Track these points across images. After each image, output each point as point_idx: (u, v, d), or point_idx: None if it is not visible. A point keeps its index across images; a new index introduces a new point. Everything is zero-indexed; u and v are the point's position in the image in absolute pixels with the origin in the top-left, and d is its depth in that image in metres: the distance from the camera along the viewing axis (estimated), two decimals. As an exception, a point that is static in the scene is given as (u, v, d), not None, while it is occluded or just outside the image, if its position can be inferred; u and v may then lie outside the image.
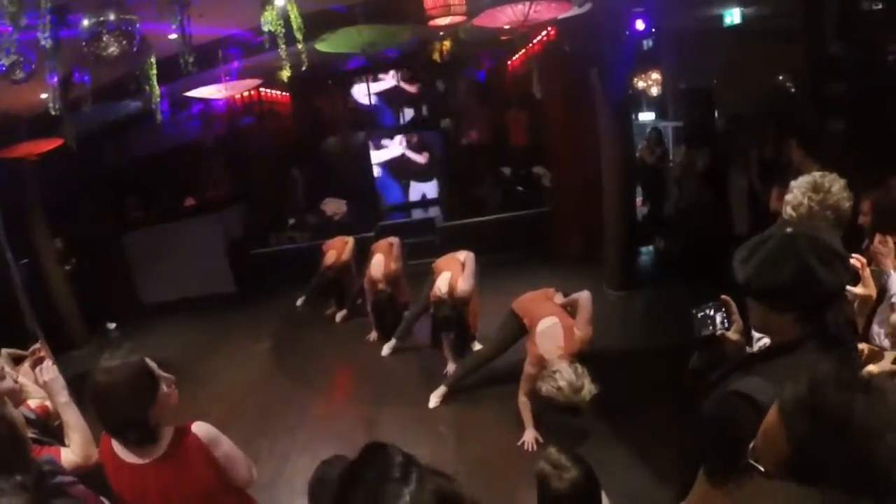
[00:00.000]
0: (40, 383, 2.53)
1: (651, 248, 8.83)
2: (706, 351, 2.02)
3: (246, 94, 9.43)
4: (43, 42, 3.91)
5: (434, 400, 5.48)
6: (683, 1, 6.80)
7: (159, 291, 9.79)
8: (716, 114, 10.07)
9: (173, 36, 5.05)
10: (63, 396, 2.52)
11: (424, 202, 12.01)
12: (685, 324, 2.06)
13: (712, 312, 1.99)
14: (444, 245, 7.90)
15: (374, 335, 7.05)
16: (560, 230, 9.11)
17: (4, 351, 3.05)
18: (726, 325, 1.97)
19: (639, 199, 9.59)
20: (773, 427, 1.20)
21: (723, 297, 1.97)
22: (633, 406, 4.76)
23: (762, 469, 1.22)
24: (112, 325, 9.18)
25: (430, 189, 12.08)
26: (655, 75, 11.12)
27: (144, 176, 10.34)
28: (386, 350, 6.66)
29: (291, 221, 10.90)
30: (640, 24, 7.16)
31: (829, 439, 1.10)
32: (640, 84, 11.17)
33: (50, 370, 2.54)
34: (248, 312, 8.90)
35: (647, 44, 9.62)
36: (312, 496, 2.31)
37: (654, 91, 11.35)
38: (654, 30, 7.94)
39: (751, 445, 1.28)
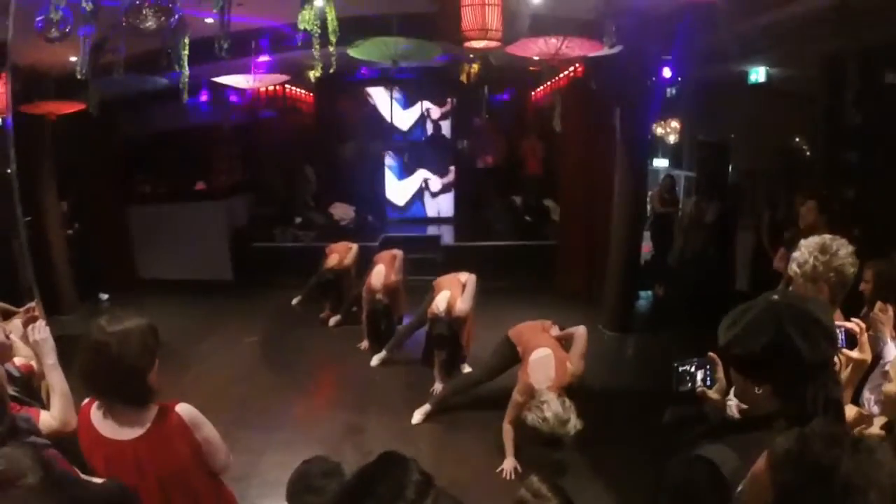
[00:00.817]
0: (31, 342, 2.53)
1: (650, 293, 8.85)
2: (683, 406, 2.00)
3: (271, 87, 9.47)
4: (84, 5, 3.94)
5: (417, 416, 5.45)
6: (712, 54, 6.87)
7: (157, 269, 9.78)
8: (730, 168, 10.13)
9: (210, 20, 5.12)
10: (51, 358, 2.52)
11: (438, 219, 12.06)
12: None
13: (694, 368, 1.96)
14: (446, 264, 7.88)
15: (365, 344, 7.01)
16: (563, 264, 9.15)
17: None
18: (708, 382, 1.95)
19: (645, 245, 9.62)
20: (760, 473, 1.20)
21: (710, 354, 1.95)
22: (613, 445, 4.77)
23: None
24: (104, 297, 9.12)
25: (445, 206, 12.16)
26: (675, 123, 11.20)
27: (159, 153, 10.36)
28: (375, 361, 6.63)
29: (298, 220, 10.90)
30: (667, 72, 7.24)
31: (812, 490, 1.10)
32: (659, 130, 11.25)
33: (42, 330, 2.54)
34: (242, 303, 8.85)
35: (671, 91, 9.70)
36: (291, 494, 2.29)
37: (672, 139, 11.42)
38: (679, 79, 8.01)
39: (738, 489, 1.27)
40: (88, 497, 1.33)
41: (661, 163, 11.95)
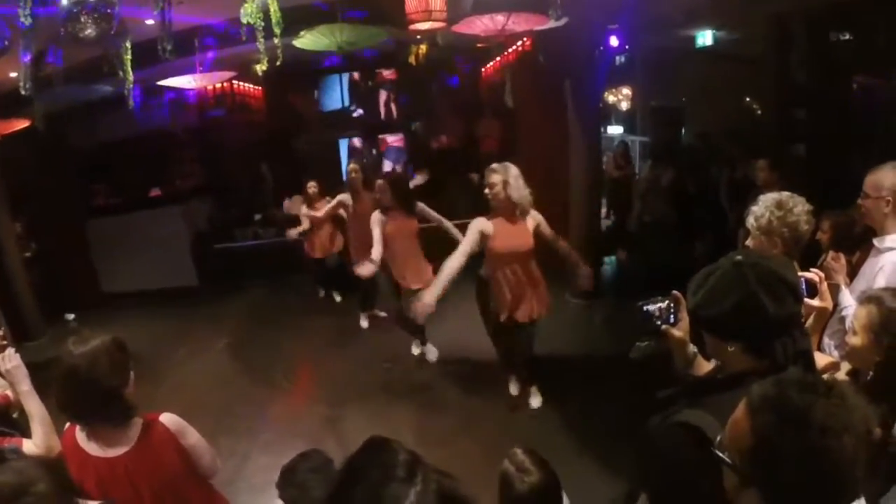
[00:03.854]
0: (2, 371, 2.49)
1: (613, 258, 8.98)
2: (649, 343, 2.03)
3: (219, 85, 9.33)
4: (22, 19, 3.84)
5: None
6: (657, 20, 6.95)
7: (121, 282, 9.57)
8: (683, 132, 10.29)
9: (150, 21, 5.02)
10: (26, 385, 2.49)
11: None
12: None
13: (660, 306, 1.99)
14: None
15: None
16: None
17: None
18: (671, 320, 1.98)
19: (603, 211, 9.74)
20: (740, 419, 1.23)
21: (674, 293, 1.98)
22: (588, 411, 4.93)
23: (728, 461, 1.25)
24: (71, 316, 8.89)
25: None
26: (626, 91, 11.33)
27: (111, 162, 10.16)
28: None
29: (257, 217, 10.79)
30: (614, 41, 7.31)
31: (788, 433, 1.14)
32: (611, 98, 11.37)
33: (13, 357, 2.50)
34: (211, 307, 8.73)
35: (620, 60, 9.80)
36: (279, 485, 2.34)
37: (625, 106, 11.56)
38: (627, 47, 8.11)
39: (718, 438, 1.31)
40: None
41: (615, 130, 12.09)
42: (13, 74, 5.71)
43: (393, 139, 12.25)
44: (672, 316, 1.97)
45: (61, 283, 9.08)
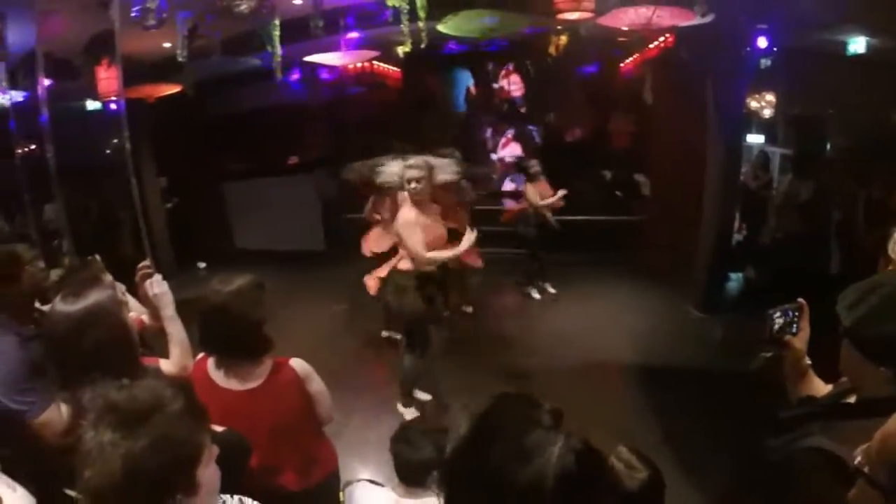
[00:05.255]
0: (150, 295, 2.64)
1: (741, 275, 8.55)
2: (770, 354, 1.97)
3: (359, 64, 9.62)
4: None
5: None
6: (808, 23, 6.48)
7: (253, 239, 10.19)
8: (827, 146, 9.60)
9: (298, 1, 5.25)
10: (170, 310, 2.64)
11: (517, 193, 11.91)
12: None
13: (787, 316, 1.92)
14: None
15: None
16: (652, 241, 8.94)
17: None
18: (794, 329, 1.91)
19: (735, 224, 9.29)
20: (893, 433, 1.14)
21: (800, 301, 1.91)
22: (696, 426, 4.76)
23: (869, 475, 1.16)
24: (202, 265, 9.64)
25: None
26: (770, 97, 10.68)
27: (252, 130, 10.73)
28: None
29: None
30: (761, 42, 6.86)
31: None
32: (753, 104, 10.76)
33: (161, 283, 2.66)
34: (334, 272, 8.81)
35: (766, 63, 9.24)
36: (392, 440, 2.47)
37: (767, 113, 10.90)
38: (775, 49, 7.62)
39: (858, 449, 1.21)
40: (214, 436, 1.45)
41: (755, 139, 11.43)
42: (167, 45, 6.15)
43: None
44: (795, 326, 1.90)
45: (196, 235, 9.80)
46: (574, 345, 6.33)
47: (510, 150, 11.48)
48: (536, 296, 7.88)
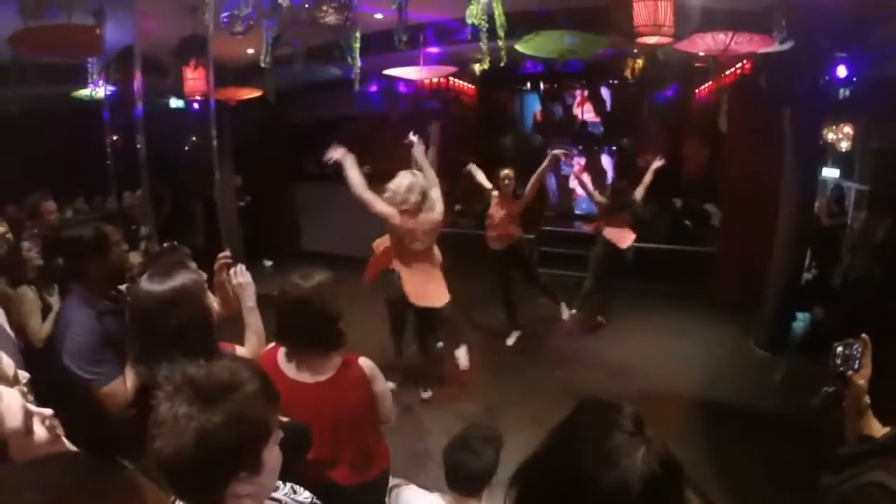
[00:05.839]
0: (234, 284, 2.75)
1: (809, 315, 8.27)
2: (832, 390, 1.94)
3: (435, 80, 9.78)
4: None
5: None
6: (891, 52, 6.25)
7: (318, 242, 10.43)
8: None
9: (379, 15, 5.39)
10: (251, 301, 2.75)
11: (592, 216, 11.79)
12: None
13: (851, 351, 1.90)
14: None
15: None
16: (719, 274, 8.77)
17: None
18: (856, 366, 1.88)
19: (806, 261, 9.00)
20: None
21: (863, 336, 1.90)
22: (748, 461, 4.69)
23: None
24: (268, 263, 9.95)
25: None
26: (847, 129, 10.29)
27: (327, 137, 10.97)
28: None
29: (458, 207, 11.14)
30: (841, 71, 6.65)
31: None
32: (830, 136, 10.40)
33: (245, 273, 2.77)
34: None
35: (844, 93, 8.92)
36: (448, 450, 2.50)
37: (844, 146, 10.52)
38: (854, 79, 7.37)
39: None
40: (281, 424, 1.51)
41: (830, 172, 11.05)
42: (250, 51, 6.40)
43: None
44: (857, 362, 1.88)
45: (266, 234, 10.11)
46: (633, 374, 6.27)
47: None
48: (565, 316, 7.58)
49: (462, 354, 6.33)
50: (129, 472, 0.74)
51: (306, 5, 4.42)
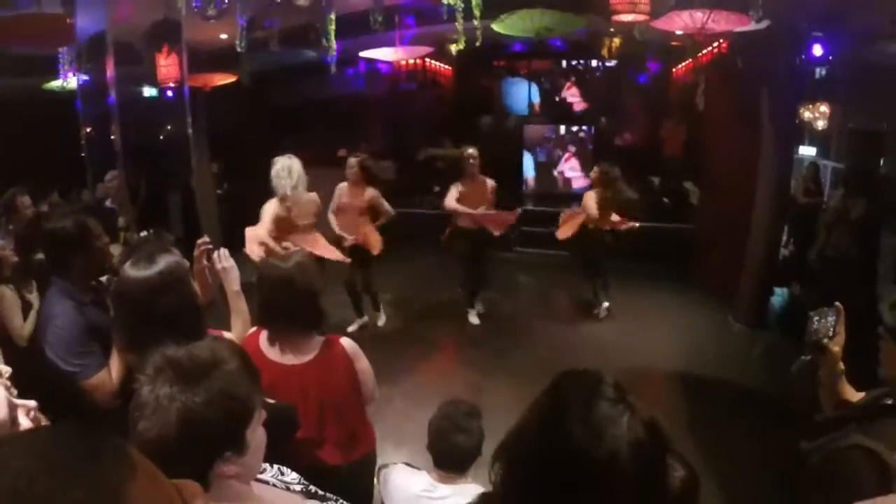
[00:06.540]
0: (218, 269, 2.73)
1: (786, 290, 8.39)
2: (809, 358, 1.96)
3: (412, 61, 9.73)
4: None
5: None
6: (867, 33, 6.29)
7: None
8: (882, 161, 9.32)
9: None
10: (236, 285, 2.74)
11: (570, 195, 11.57)
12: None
13: (827, 320, 1.93)
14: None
15: None
16: (698, 251, 8.86)
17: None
18: (831, 334, 1.91)
19: (783, 238, 9.09)
20: None
21: (837, 305, 1.93)
22: (726, 440, 4.70)
23: None
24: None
25: (579, 182, 11.76)
26: (824, 108, 10.39)
27: (304, 121, 10.92)
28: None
29: (437, 188, 11.10)
30: (817, 50, 6.68)
31: None
32: (807, 115, 10.49)
33: (228, 258, 2.76)
34: (381, 265, 8.99)
35: (820, 72, 8.99)
36: (438, 434, 2.44)
37: (820, 125, 10.62)
38: (831, 58, 7.42)
39: None
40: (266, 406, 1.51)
41: (806, 151, 11.17)
42: (224, 35, 6.31)
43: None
44: (832, 330, 1.91)
45: (245, 221, 10.01)
46: (614, 351, 6.32)
47: (570, 166, 11.68)
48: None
49: None
50: (120, 440, 0.74)
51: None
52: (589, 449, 1.05)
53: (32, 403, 1.39)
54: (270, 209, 5.85)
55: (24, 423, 1.33)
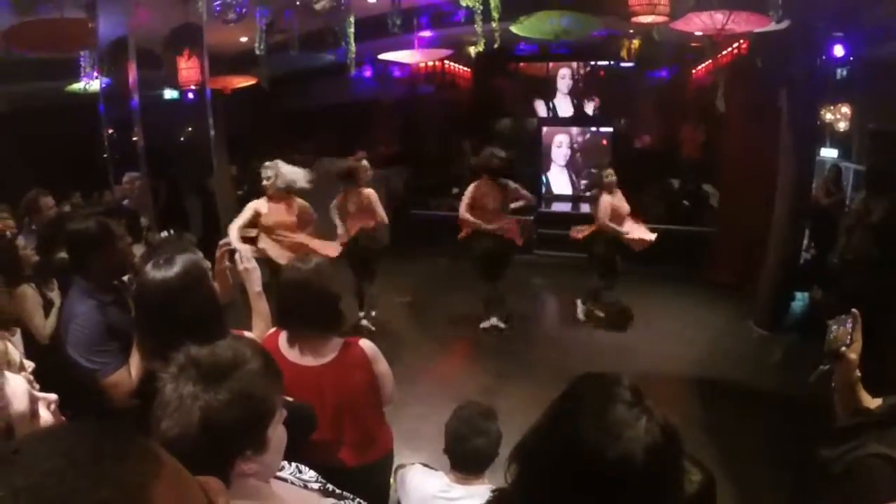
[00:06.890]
0: (240, 270, 2.71)
1: (806, 294, 8.27)
2: (827, 367, 1.95)
3: (430, 63, 9.76)
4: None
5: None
6: (890, 32, 6.20)
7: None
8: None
9: (373, 0, 5.37)
10: (258, 286, 2.73)
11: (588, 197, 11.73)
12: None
13: (844, 328, 1.91)
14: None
15: None
16: (718, 254, 8.78)
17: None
18: (848, 341, 1.89)
19: (804, 241, 8.98)
20: None
21: (854, 311, 1.91)
22: (744, 443, 4.69)
23: None
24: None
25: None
26: (845, 109, 10.26)
27: (322, 124, 10.98)
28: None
29: (455, 190, 11.10)
30: (838, 50, 6.61)
31: None
32: (828, 116, 10.37)
33: (250, 259, 2.75)
34: (399, 266, 8.81)
35: (841, 73, 8.87)
36: (458, 439, 2.45)
37: (842, 126, 10.49)
38: (851, 58, 7.33)
39: None
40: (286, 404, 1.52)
41: (828, 153, 11.03)
42: (244, 39, 6.36)
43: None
44: (849, 337, 1.89)
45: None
46: (632, 354, 6.28)
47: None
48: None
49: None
50: (145, 438, 0.75)
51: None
52: (604, 451, 1.05)
53: (53, 397, 1.41)
54: (251, 205, 5.87)
55: (45, 415, 1.35)
